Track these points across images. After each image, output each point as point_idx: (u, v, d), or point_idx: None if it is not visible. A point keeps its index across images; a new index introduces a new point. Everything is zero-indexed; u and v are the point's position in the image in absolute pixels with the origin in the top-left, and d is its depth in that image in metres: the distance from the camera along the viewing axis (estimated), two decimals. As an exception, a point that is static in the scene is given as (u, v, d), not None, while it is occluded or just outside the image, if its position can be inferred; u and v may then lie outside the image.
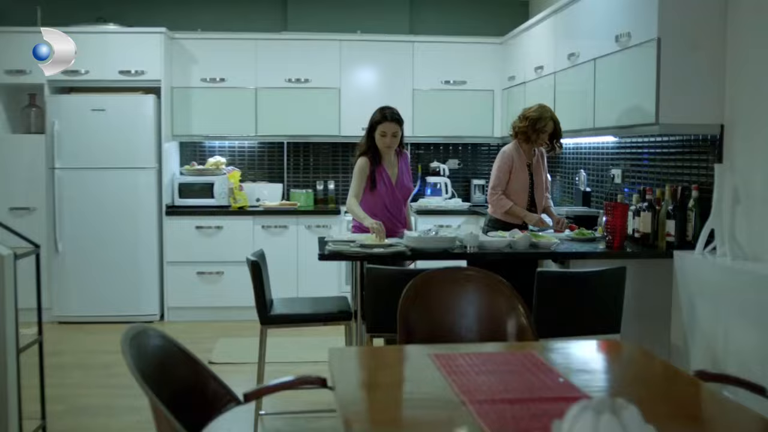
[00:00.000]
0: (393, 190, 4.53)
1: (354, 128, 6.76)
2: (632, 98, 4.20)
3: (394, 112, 4.46)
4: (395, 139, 4.46)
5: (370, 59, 6.85)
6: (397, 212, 4.58)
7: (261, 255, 4.19)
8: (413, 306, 3.02)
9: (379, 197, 4.50)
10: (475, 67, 6.96)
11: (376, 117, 4.48)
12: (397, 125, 4.44)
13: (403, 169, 4.61)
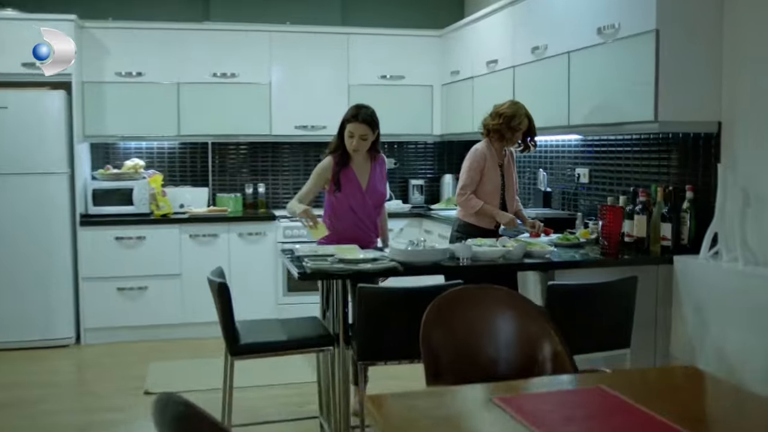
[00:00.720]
0: (363, 195, 4.09)
1: (286, 126, 6.30)
2: (622, 94, 3.93)
3: (368, 112, 4.02)
4: (363, 143, 4.02)
5: (302, 52, 6.35)
6: (367, 218, 4.14)
7: (221, 273, 3.66)
8: (436, 327, 2.64)
9: (345, 200, 4.06)
10: (413, 62, 6.59)
11: (347, 115, 4.03)
12: (367, 127, 4.00)
13: (377, 174, 4.17)
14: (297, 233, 6.09)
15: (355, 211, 4.07)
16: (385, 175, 4.25)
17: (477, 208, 4.36)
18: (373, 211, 4.15)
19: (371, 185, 4.13)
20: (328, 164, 4.05)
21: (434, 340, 2.62)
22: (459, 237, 4.47)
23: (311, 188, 4.09)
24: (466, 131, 6.06)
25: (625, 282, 3.38)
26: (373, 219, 4.17)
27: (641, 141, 4.40)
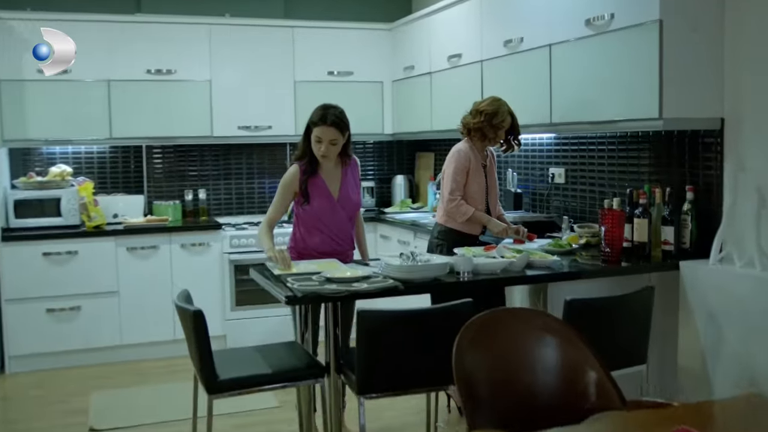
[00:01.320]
0: (334, 205, 3.70)
1: (228, 127, 5.84)
2: (617, 89, 3.67)
3: (336, 113, 3.62)
4: (333, 149, 3.63)
5: (244, 47, 5.87)
6: (340, 232, 3.75)
7: (188, 297, 3.21)
8: (471, 352, 2.34)
9: (314, 212, 3.66)
10: (362, 57, 6.21)
11: (313, 117, 3.64)
12: (336, 131, 3.60)
13: (350, 181, 3.79)
14: (245, 242, 5.64)
15: (327, 224, 3.68)
16: (358, 180, 3.87)
17: (469, 214, 4.03)
18: (347, 222, 3.77)
19: (343, 194, 3.74)
20: (294, 174, 3.65)
21: (469, 366, 2.32)
22: (440, 245, 4.15)
23: (279, 205, 3.69)
24: (423, 130, 5.74)
25: (643, 293, 3.12)
26: (348, 231, 3.79)
27: (624, 139, 4.17)
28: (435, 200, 6.16)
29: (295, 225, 3.76)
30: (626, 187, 4.09)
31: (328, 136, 3.58)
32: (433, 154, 6.47)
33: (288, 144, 6.37)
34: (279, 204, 3.68)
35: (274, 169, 6.36)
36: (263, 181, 6.37)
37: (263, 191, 6.38)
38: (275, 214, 3.67)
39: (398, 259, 3.21)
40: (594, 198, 4.43)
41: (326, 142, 3.57)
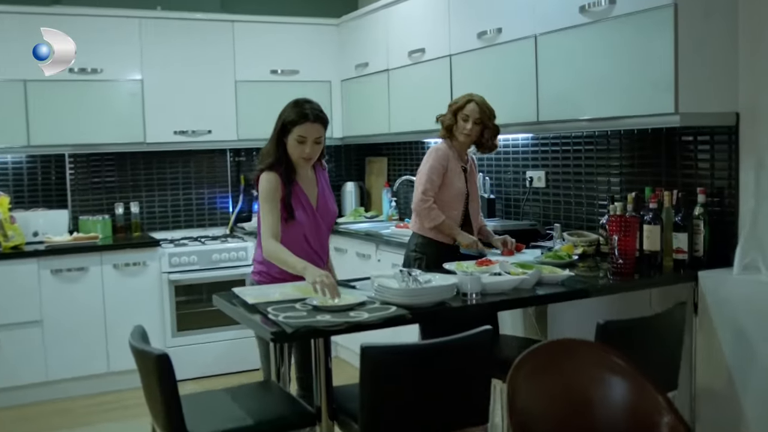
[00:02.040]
0: (315, 216, 3.20)
1: (163, 132, 5.26)
2: (621, 82, 3.30)
3: (317, 107, 3.13)
4: (318, 148, 3.13)
5: (179, 43, 5.29)
6: (320, 248, 3.26)
7: (143, 335, 2.66)
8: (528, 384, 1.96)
9: (298, 229, 3.15)
10: (308, 54, 5.71)
11: (291, 115, 3.10)
12: (321, 127, 3.12)
13: (324, 187, 3.30)
14: (186, 260, 5.06)
15: (309, 241, 3.18)
16: (330, 185, 3.38)
17: (437, 221, 3.62)
18: (326, 236, 3.29)
19: (321, 203, 3.25)
20: (276, 183, 3.11)
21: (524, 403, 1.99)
22: (418, 258, 3.71)
23: (277, 216, 3.10)
24: (378, 132, 5.29)
25: (676, 311, 2.75)
26: (326, 247, 3.31)
27: (615, 138, 3.83)
28: (391, 208, 5.73)
29: None
30: (620, 191, 3.75)
31: (313, 134, 3.08)
32: (386, 158, 6.03)
33: (228, 150, 5.82)
34: (275, 218, 3.08)
35: (215, 177, 5.81)
36: (202, 192, 5.79)
37: (202, 202, 5.80)
38: (275, 227, 3.07)
39: (393, 279, 2.74)
40: (581, 203, 4.07)
41: (311, 141, 3.08)
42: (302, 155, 3.08)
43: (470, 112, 3.68)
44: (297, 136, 3.06)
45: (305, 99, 3.15)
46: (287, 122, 3.09)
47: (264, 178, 3.13)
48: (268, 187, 3.09)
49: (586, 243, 3.67)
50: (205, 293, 5.11)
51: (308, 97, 3.19)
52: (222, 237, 5.49)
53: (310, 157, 3.10)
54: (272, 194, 3.08)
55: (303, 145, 3.07)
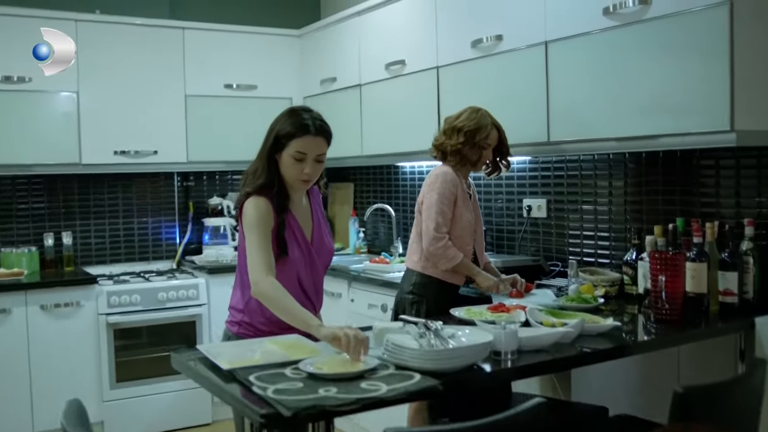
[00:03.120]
0: (310, 253, 2.59)
1: (101, 152, 4.63)
2: (656, 95, 2.81)
3: (320, 118, 2.52)
4: (319, 167, 2.53)
5: (122, 52, 4.64)
6: (314, 293, 2.64)
7: (79, 412, 2.01)
8: None
9: (290, 269, 2.54)
10: (267, 68, 5.13)
11: (287, 126, 2.47)
12: (324, 142, 2.51)
13: (320, 217, 2.70)
14: (126, 300, 4.39)
15: (303, 283, 2.58)
16: (325, 215, 2.78)
17: (457, 260, 3.08)
18: (321, 278, 2.68)
19: (317, 236, 2.65)
20: (268, 209, 2.49)
21: None
22: (416, 302, 3.16)
23: (270, 249, 2.47)
24: (347, 155, 4.71)
25: (757, 372, 2.23)
26: (321, 292, 2.70)
27: (634, 161, 3.35)
28: (358, 240, 5.17)
29: (248, 290, 2.59)
30: (641, 221, 3.26)
31: (315, 150, 2.47)
32: (353, 184, 5.45)
33: (176, 174, 5.17)
34: (269, 247, 2.45)
35: (160, 205, 5.16)
36: (146, 221, 5.11)
37: (146, 233, 5.12)
38: (271, 261, 2.44)
39: (405, 333, 2.16)
40: (591, 236, 3.57)
41: (312, 159, 2.47)
42: (300, 176, 2.48)
43: (493, 141, 3.19)
44: (294, 152, 2.45)
45: (303, 107, 2.58)
46: (282, 135, 2.47)
47: (251, 204, 2.50)
48: (258, 214, 2.47)
49: (608, 283, 3.15)
50: (148, 337, 4.45)
51: (267, 115, 2.60)
52: (168, 272, 4.82)
53: (310, 178, 2.49)
54: (263, 222, 2.46)
55: (301, 164, 2.46)
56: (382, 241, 5.17)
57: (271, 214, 2.48)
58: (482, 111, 3.23)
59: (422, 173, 4.70)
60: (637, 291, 3.08)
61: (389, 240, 5.00)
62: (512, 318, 2.55)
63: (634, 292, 3.11)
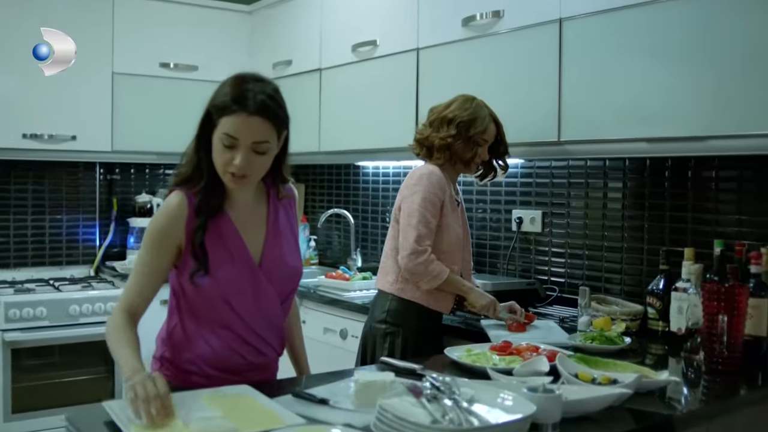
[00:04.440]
0: (254, 275, 1.91)
1: (8, 135, 3.92)
2: (701, 87, 2.25)
3: (268, 92, 1.82)
4: (259, 162, 1.82)
5: (35, 19, 3.86)
6: (266, 327, 1.95)
7: None
8: None
9: (215, 294, 1.86)
10: (211, 47, 4.42)
11: (221, 97, 1.80)
12: (269, 126, 1.80)
13: (283, 229, 2.01)
14: (30, 313, 3.65)
15: (241, 314, 1.89)
16: (297, 228, 2.09)
17: (442, 278, 2.49)
18: (277, 308, 1.98)
19: (270, 253, 1.95)
20: (176, 213, 1.84)
21: None
22: (390, 332, 2.54)
23: (150, 278, 1.83)
24: (305, 151, 4.04)
25: None
26: (277, 325, 2.01)
27: (647, 166, 2.80)
28: (309, 249, 4.52)
29: (172, 315, 1.93)
30: (662, 241, 2.70)
31: (249, 134, 1.77)
32: (304, 186, 4.79)
33: (99, 164, 4.43)
34: (148, 275, 1.83)
35: (78, 200, 4.41)
36: (59, 218, 4.35)
37: (59, 233, 4.35)
38: (141, 297, 1.83)
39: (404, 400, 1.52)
40: (596, 256, 3.00)
41: (246, 148, 1.78)
42: (227, 168, 1.80)
43: (490, 137, 2.60)
44: (222, 134, 1.77)
45: (255, 75, 1.87)
46: (213, 109, 1.81)
47: (165, 202, 1.88)
48: (157, 223, 1.87)
49: (629, 317, 2.58)
50: (56, 359, 3.70)
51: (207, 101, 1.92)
52: (84, 281, 4.08)
53: (243, 173, 1.81)
54: (162, 231, 1.84)
55: (230, 152, 1.78)
56: (335, 252, 4.52)
57: (183, 219, 1.83)
58: (477, 100, 2.65)
59: (387, 175, 4.08)
60: (666, 328, 2.51)
61: (345, 251, 4.35)
62: (532, 367, 1.94)
63: (659, 328, 2.54)
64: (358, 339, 2.91)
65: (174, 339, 1.91)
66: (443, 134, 2.58)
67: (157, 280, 1.84)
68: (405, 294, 2.55)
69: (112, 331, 1.79)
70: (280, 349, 2.01)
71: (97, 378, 3.78)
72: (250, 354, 1.91)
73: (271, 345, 1.96)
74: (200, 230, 1.84)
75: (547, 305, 3.05)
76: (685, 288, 2.39)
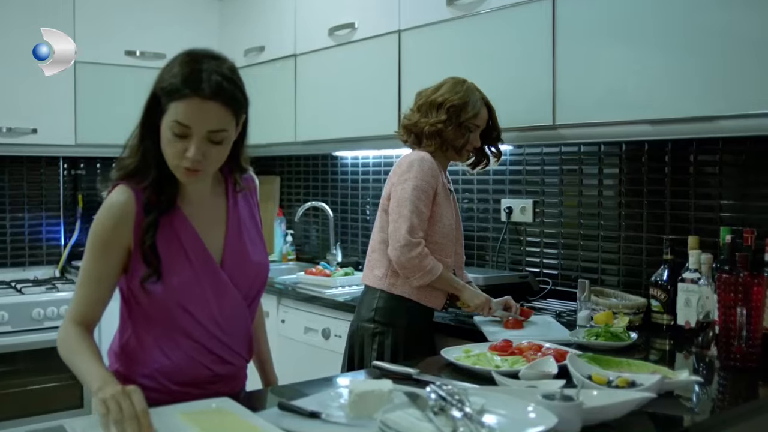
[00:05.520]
0: (216, 277, 1.70)
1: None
2: (711, 64, 2.10)
3: (223, 72, 1.57)
4: (216, 153, 1.60)
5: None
6: (229, 333, 1.74)
7: None
8: None
9: (171, 299, 1.65)
10: (179, 34, 4.18)
11: (169, 79, 1.57)
12: (225, 111, 1.57)
13: (244, 222, 1.80)
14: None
15: (200, 320, 1.69)
16: (259, 218, 1.90)
17: (435, 274, 2.32)
18: (243, 311, 1.77)
19: (232, 250, 1.74)
20: (122, 212, 1.62)
21: None
22: (380, 332, 2.38)
23: (98, 286, 1.62)
24: (280, 141, 3.86)
25: None
26: (244, 330, 1.79)
27: (637, 151, 2.65)
28: (286, 244, 4.34)
29: (125, 326, 1.73)
30: (662, 229, 2.56)
31: (204, 121, 1.55)
32: (279, 178, 4.60)
33: (62, 159, 4.20)
34: (96, 283, 1.62)
35: (41, 197, 4.18)
36: (21, 216, 4.13)
37: (20, 232, 4.13)
38: (90, 306, 1.63)
39: (409, 410, 1.36)
40: (592, 247, 2.85)
41: (200, 137, 1.56)
42: (180, 161, 1.58)
43: (482, 122, 2.44)
44: (172, 122, 1.55)
45: (208, 51, 1.63)
46: (161, 91, 1.58)
47: (108, 200, 1.65)
48: (106, 219, 1.63)
49: (632, 310, 2.43)
50: (18, 366, 3.48)
51: None
52: (49, 282, 3.85)
53: (198, 167, 1.59)
54: (107, 233, 1.62)
55: (183, 142, 1.56)
56: (313, 247, 4.34)
57: (131, 217, 1.62)
58: (468, 83, 2.50)
59: (368, 165, 3.90)
60: (671, 321, 2.37)
61: (324, 245, 4.17)
62: (539, 368, 1.78)
63: (664, 322, 2.39)
64: (342, 339, 2.75)
65: (128, 352, 1.70)
66: (433, 120, 2.41)
67: (107, 287, 1.63)
68: (395, 289, 2.38)
69: (66, 343, 1.60)
70: (248, 355, 1.81)
71: (63, 385, 3.56)
72: (215, 364, 1.71)
73: (238, 352, 1.76)
74: (151, 230, 1.62)
75: (541, 299, 2.90)
76: (694, 279, 2.24)
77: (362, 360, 2.40)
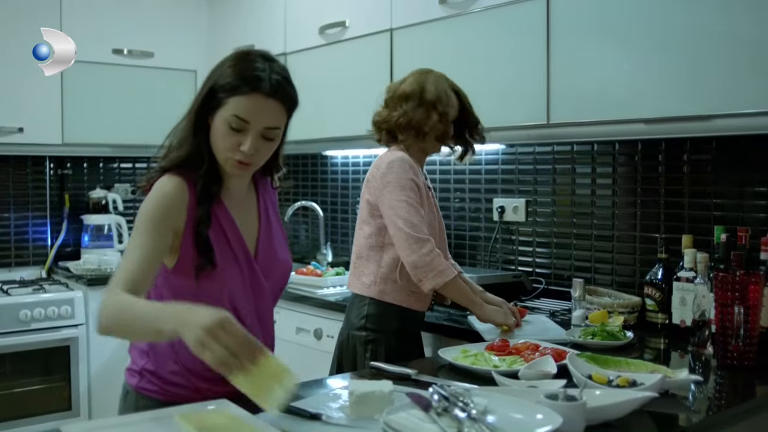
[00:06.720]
0: (251, 269, 1.71)
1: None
2: (708, 60, 2.11)
3: (279, 72, 1.63)
4: (266, 147, 1.63)
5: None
6: (257, 323, 1.73)
7: None
8: None
9: (216, 289, 1.64)
10: (168, 32, 4.19)
11: (229, 75, 1.59)
12: (282, 109, 1.62)
13: (272, 220, 1.81)
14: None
15: (239, 309, 1.68)
16: (279, 216, 1.89)
17: (448, 277, 2.25)
18: (269, 305, 1.78)
19: (265, 246, 1.75)
20: (180, 195, 1.62)
21: None
22: (372, 340, 2.34)
23: (150, 255, 1.56)
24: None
25: None
26: (269, 323, 1.80)
27: (642, 150, 2.65)
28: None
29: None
30: (657, 228, 2.56)
31: (263, 118, 1.58)
32: (268, 177, 4.56)
33: (49, 158, 4.16)
34: (147, 257, 1.56)
35: (27, 197, 4.12)
36: (7, 217, 4.07)
37: (6, 232, 4.07)
38: (141, 274, 1.54)
39: (416, 410, 1.34)
40: (585, 246, 2.85)
41: (256, 132, 1.59)
42: (234, 154, 1.59)
43: (453, 109, 2.40)
44: (231, 115, 1.57)
45: (262, 52, 1.66)
46: (219, 87, 1.59)
47: (159, 185, 1.63)
48: (158, 200, 1.61)
49: (627, 309, 2.43)
50: (6, 368, 3.44)
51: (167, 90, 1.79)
52: (35, 283, 3.80)
53: (248, 161, 1.61)
54: (163, 213, 1.60)
55: (240, 136, 1.58)
56: (303, 247, 4.31)
57: (184, 203, 1.61)
58: (435, 72, 2.44)
59: (358, 165, 3.89)
60: (666, 320, 2.37)
61: (314, 245, 4.15)
62: (538, 368, 1.77)
63: (659, 321, 2.40)
64: (334, 339, 2.72)
65: (158, 348, 1.68)
66: (401, 111, 2.37)
67: (155, 264, 1.58)
68: (385, 297, 2.33)
69: (120, 303, 1.48)
70: (271, 351, 1.81)
71: (51, 387, 3.52)
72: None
73: (263, 341, 1.75)
74: (205, 220, 1.63)
75: (534, 298, 2.90)
76: (689, 277, 2.25)
77: (354, 369, 2.36)
